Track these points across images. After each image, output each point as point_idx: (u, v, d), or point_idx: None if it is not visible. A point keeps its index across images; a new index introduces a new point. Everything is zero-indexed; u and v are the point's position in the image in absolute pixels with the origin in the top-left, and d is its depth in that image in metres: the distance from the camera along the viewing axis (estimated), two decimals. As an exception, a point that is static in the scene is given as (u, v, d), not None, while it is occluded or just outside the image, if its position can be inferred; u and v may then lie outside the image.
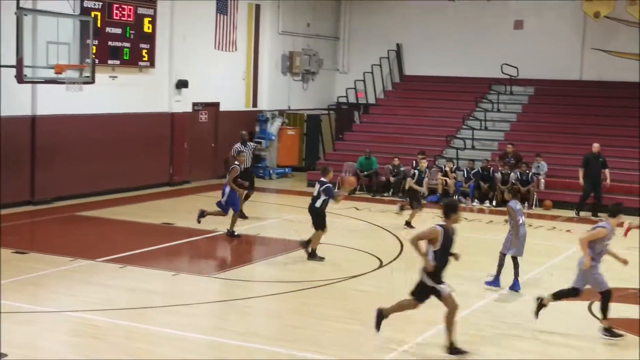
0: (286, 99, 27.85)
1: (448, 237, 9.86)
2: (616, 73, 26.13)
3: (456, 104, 26.82)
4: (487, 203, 22.23)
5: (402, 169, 23.48)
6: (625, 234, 13.03)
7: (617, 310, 12.08)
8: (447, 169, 23.26)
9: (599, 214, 20.68)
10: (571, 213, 21.15)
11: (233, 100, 25.71)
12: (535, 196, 22.12)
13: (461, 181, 23.05)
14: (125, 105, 21.56)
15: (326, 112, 29.34)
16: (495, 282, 13.24)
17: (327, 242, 16.38)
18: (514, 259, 13.13)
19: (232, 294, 12.67)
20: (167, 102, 23.04)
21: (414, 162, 23.35)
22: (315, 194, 14.92)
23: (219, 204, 16.60)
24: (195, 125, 24.17)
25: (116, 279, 12.94)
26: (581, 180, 21.13)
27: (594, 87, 26.43)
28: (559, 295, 11.09)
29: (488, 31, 27.82)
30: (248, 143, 19.11)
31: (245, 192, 18.00)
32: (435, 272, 9.87)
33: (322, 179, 14.87)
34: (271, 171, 26.11)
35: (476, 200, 22.52)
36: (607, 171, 21.08)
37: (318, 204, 14.79)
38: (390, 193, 23.49)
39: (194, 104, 24.09)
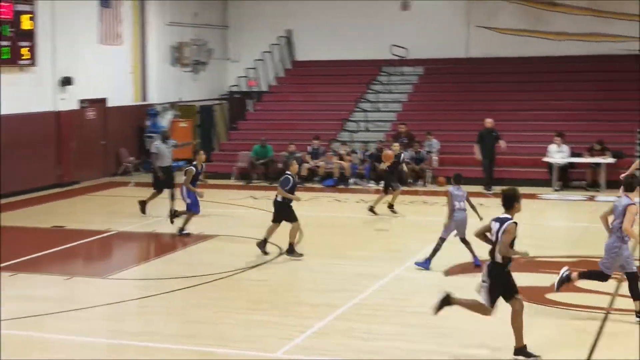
0: (177, 91, 27.37)
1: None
2: (501, 49, 26.73)
3: (348, 87, 26.93)
4: (382, 183, 22.37)
5: (297, 154, 23.43)
6: None
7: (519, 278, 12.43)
8: (343, 152, 23.36)
9: (492, 188, 21.10)
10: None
11: (121, 95, 25.09)
12: (430, 173, 22.45)
13: (357, 163, 23.18)
14: (7, 106, 20.71)
15: (219, 102, 29.01)
16: (426, 263, 13.10)
17: (225, 233, 16.23)
18: (462, 240, 13.20)
19: (129, 294, 12.33)
20: (51, 101, 22.30)
21: (309, 147, 23.47)
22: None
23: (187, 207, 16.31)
24: (82, 123, 23.47)
25: (7, 288, 12.40)
26: (478, 156, 21.48)
27: (482, 64, 26.95)
28: (587, 275, 10.72)
29: (376, 14, 27.95)
30: (168, 140, 18.69)
31: (156, 190, 18.16)
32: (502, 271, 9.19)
33: (287, 171, 14.31)
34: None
35: (372, 181, 22.66)
36: (502, 142, 21.39)
37: (280, 197, 14.17)
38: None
39: (81, 101, 23.41)
